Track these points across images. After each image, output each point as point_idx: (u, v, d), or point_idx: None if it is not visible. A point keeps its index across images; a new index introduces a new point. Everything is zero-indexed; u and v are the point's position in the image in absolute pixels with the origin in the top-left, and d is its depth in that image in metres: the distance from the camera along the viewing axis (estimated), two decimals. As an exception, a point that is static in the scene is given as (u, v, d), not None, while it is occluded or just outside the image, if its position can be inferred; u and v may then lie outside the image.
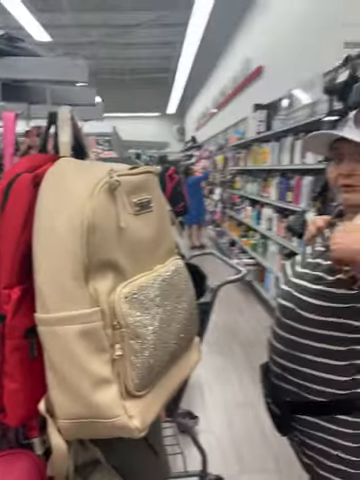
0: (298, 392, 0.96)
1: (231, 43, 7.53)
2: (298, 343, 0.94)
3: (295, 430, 1.00)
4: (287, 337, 0.97)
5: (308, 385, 0.94)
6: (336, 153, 0.95)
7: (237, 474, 2.03)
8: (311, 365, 0.93)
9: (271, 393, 1.06)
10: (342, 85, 2.40)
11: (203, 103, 11.36)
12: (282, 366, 1.00)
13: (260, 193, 4.63)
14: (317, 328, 0.91)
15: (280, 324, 1.00)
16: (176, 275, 0.77)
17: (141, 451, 0.87)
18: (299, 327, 0.94)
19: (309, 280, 0.93)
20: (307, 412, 0.95)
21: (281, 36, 4.72)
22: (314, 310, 0.90)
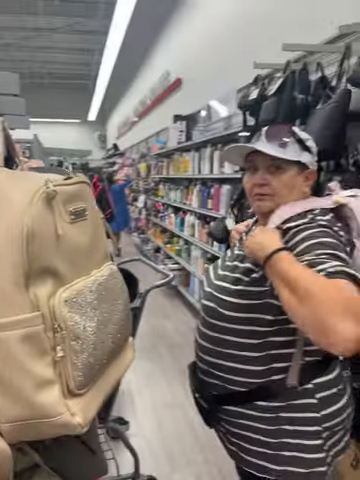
0: (222, 385, 1.03)
1: (150, 55, 7.71)
2: (220, 339, 1.01)
3: (221, 421, 1.07)
4: (210, 334, 1.04)
5: (231, 377, 1.01)
6: (251, 164, 1.04)
7: (169, 472, 2.10)
8: (232, 359, 1.00)
9: (199, 388, 1.11)
10: (253, 102, 2.62)
11: (124, 111, 11.42)
12: (207, 362, 1.07)
13: (183, 201, 4.80)
14: (236, 324, 0.98)
15: (204, 323, 1.07)
16: (111, 279, 0.82)
17: (78, 451, 0.90)
18: (220, 324, 1.01)
19: (229, 281, 1.02)
20: (231, 402, 1.02)
21: (198, 51, 4.97)
22: (233, 308, 0.98)
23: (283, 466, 0.96)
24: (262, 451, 0.98)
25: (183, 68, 5.69)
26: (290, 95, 2.22)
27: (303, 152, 1.02)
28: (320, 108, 1.92)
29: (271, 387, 0.96)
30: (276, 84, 2.30)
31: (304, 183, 1.03)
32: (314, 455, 0.95)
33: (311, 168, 1.03)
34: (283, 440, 0.96)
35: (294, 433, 0.95)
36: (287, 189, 1.00)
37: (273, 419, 0.96)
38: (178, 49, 5.90)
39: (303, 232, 0.89)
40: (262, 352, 0.97)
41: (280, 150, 0.99)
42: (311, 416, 0.95)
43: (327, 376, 0.98)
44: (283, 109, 2.25)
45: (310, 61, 2.40)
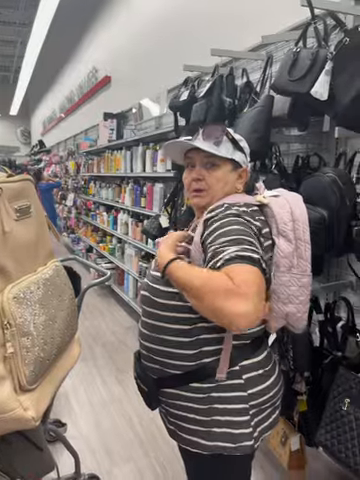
0: (160, 368, 1.09)
1: (77, 51, 7.53)
2: (156, 326, 1.07)
3: (161, 402, 1.13)
4: (148, 322, 1.10)
5: (167, 361, 1.07)
6: (189, 161, 1.11)
7: (110, 468, 2.11)
8: (167, 344, 1.06)
9: (140, 373, 1.16)
10: (183, 104, 2.71)
11: (50, 107, 11.01)
12: (146, 348, 1.12)
13: (115, 199, 4.78)
14: (167, 311, 1.05)
15: (143, 312, 1.14)
16: (57, 276, 0.83)
17: (25, 449, 0.90)
18: (155, 312, 1.07)
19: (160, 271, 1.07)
20: (169, 385, 1.08)
21: (128, 50, 4.97)
22: (163, 296, 1.05)
23: (214, 442, 1.03)
24: (195, 428, 1.05)
25: (112, 66, 5.65)
26: (218, 98, 2.33)
27: (236, 151, 1.11)
28: (246, 112, 2.05)
29: (202, 369, 1.03)
30: (205, 87, 2.41)
31: (237, 180, 1.12)
32: (241, 430, 1.03)
33: (243, 166, 1.12)
34: (214, 418, 1.03)
35: (224, 411, 1.03)
36: (221, 184, 1.08)
37: (205, 399, 1.03)
38: (106, 46, 5.84)
39: (215, 223, 0.96)
40: (192, 337, 1.03)
41: (215, 148, 1.07)
42: (238, 395, 1.03)
43: (254, 359, 1.06)
44: (212, 111, 2.35)
45: (236, 66, 2.54)
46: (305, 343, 1.80)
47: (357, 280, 1.83)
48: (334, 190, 1.49)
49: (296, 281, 1.01)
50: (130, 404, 2.68)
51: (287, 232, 1.02)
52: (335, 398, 1.58)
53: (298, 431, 1.89)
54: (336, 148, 1.87)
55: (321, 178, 1.55)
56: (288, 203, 1.05)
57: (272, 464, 2.10)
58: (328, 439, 1.56)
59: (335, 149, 1.87)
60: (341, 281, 1.97)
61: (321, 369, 1.80)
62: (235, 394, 1.03)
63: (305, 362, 1.79)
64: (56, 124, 10.26)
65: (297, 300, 1.02)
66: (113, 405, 2.69)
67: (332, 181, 1.49)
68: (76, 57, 7.68)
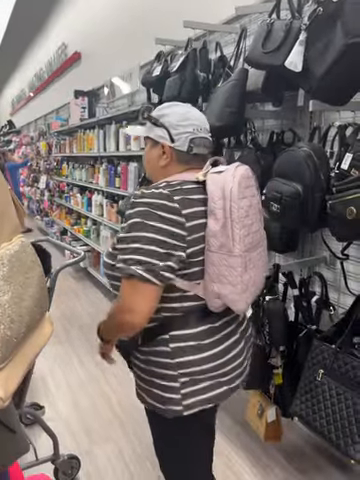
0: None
1: (45, 26, 7.21)
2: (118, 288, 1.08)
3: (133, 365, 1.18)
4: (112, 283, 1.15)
5: None
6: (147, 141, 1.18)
7: (89, 448, 2.11)
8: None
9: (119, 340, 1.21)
10: (156, 79, 2.64)
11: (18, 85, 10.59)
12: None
13: (89, 180, 4.67)
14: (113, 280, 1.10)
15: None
16: (23, 252, 0.79)
17: (-3, 432, 0.88)
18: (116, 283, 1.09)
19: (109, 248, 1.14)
20: (133, 348, 1.14)
21: (98, 25, 4.79)
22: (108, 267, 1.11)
23: (152, 400, 1.11)
24: (143, 387, 1.14)
25: (82, 41, 5.44)
26: (192, 73, 2.28)
27: (153, 128, 1.13)
28: (220, 86, 2.01)
29: (143, 335, 1.09)
30: (178, 61, 2.34)
31: (160, 158, 1.12)
32: (170, 395, 1.08)
33: (162, 141, 1.11)
34: (152, 379, 1.11)
35: (157, 374, 1.09)
36: (146, 161, 1.18)
37: (146, 361, 1.11)
38: (75, 21, 5.61)
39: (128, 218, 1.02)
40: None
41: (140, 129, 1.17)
42: (166, 361, 1.08)
43: (185, 330, 1.08)
44: (186, 87, 2.30)
45: (210, 40, 2.48)
46: (280, 318, 1.83)
47: (331, 255, 1.85)
48: (309, 164, 1.49)
49: (223, 261, 1.01)
50: (108, 384, 2.68)
51: (215, 210, 1.01)
52: (310, 369, 1.61)
53: (274, 403, 1.94)
54: (310, 123, 1.86)
55: (296, 153, 1.55)
56: (223, 180, 1.03)
57: (249, 436, 2.15)
58: (303, 409, 1.60)
59: (309, 124, 1.87)
60: (315, 257, 2.00)
61: (296, 343, 1.83)
62: (163, 360, 1.08)
63: (280, 337, 1.82)
64: (25, 103, 9.90)
65: (226, 280, 1.02)
66: (91, 385, 2.68)
67: (307, 155, 1.49)
68: (44, 32, 7.36)
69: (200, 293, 1.06)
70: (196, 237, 1.02)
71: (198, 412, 1.09)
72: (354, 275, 1.83)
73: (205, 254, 1.03)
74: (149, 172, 1.19)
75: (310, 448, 2.08)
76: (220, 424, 2.27)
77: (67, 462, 1.92)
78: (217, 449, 2.07)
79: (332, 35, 1.33)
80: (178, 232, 0.99)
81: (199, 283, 1.05)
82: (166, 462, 1.26)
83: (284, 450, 2.06)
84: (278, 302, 1.87)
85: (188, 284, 1.05)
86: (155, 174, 1.16)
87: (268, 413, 1.92)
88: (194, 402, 1.08)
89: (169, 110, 1.13)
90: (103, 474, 1.95)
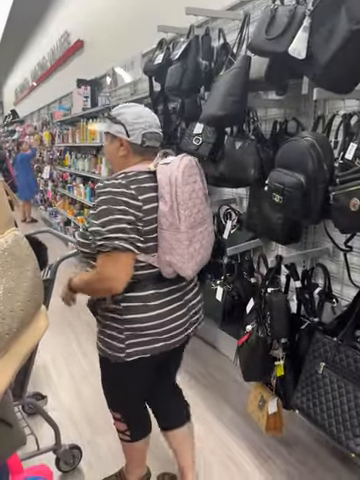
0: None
1: (48, 13, 7.12)
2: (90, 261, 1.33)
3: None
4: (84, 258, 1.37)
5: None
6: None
7: (92, 438, 2.13)
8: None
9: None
10: (158, 67, 2.59)
11: (22, 74, 10.52)
12: None
13: (91, 170, 4.65)
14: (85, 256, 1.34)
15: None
16: (16, 245, 0.78)
17: (-6, 426, 0.87)
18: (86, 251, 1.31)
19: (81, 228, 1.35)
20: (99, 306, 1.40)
21: (100, 12, 4.72)
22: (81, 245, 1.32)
23: (103, 347, 1.39)
24: (99, 336, 1.42)
25: (84, 30, 5.37)
26: (194, 61, 2.23)
27: (113, 125, 1.33)
28: (223, 74, 1.97)
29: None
30: (180, 49, 2.30)
31: (119, 149, 1.33)
32: (115, 343, 1.34)
33: (119, 136, 1.32)
34: (104, 330, 1.38)
35: (109, 326, 1.36)
36: (107, 153, 1.40)
37: (103, 316, 1.38)
38: (78, 8, 5.54)
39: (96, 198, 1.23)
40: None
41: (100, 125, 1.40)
42: (116, 317, 1.34)
43: (136, 293, 1.32)
44: (188, 75, 2.25)
45: (212, 27, 2.42)
46: (282, 310, 1.81)
47: (334, 247, 1.83)
48: (312, 155, 1.45)
49: (172, 236, 1.24)
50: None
51: (164, 195, 1.23)
52: (311, 362, 1.60)
53: (275, 395, 1.93)
54: (314, 112, 1.82)
55: (298, 142, 1.51)
56: (170, 170, 1.25)
57: (251, 427, 2.15)
58: (304, 402, 1.59)
59: (313, 113, 1.83)
60: (318, 248, 1.97)
61: (298, 335, 1.82)
62: (115, 316, 1.34)
63: (282, 329, 1.81)
64: (29, 93, 9.84)
65: (175, 252, 1.26)
66: (93, 376, 2.69)
67: (310, 145, 1.45)
68: (47, 20, 7.28)
69: (155, 263, 1.29)
70: (150, 218, 1.25)
71: (137, 359, 1.33)
72: (357, 267, 1.81)
73: (158, 232, 1.26)
74: (110, 162, 1.40)
75: (311, 440, 2.08)
76: (221, 415, 2.28)
77: (69, 452, 1.93)
78: (218, 440, 2.09)
79: (336, 21, 1.29)
80: (137, 214, 1.22)
81: (154, 255, 1.28)
82: (110, 397, 1.59)
83: (285, 442, 2.06)
84: (280, 294, 1.85)
85: (145, 256, 1.27)
86: (115, 164, 1.38)
87: (269, 405, 1.92)
88: (134, 351, 1.34)
89: (125, 109, 1.34)
90: (104, 463, 1.96)
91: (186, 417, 1.69)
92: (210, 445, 2.06)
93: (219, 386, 2.56)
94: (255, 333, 1.86)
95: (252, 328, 1.88)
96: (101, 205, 1.20)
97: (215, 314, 2.27)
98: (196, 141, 2.30)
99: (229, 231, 2.41)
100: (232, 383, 2.59)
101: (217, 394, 2.48)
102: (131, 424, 1.58)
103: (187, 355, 2.91)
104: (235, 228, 2.39)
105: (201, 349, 3.01)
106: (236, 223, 2.38)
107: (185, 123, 2.58)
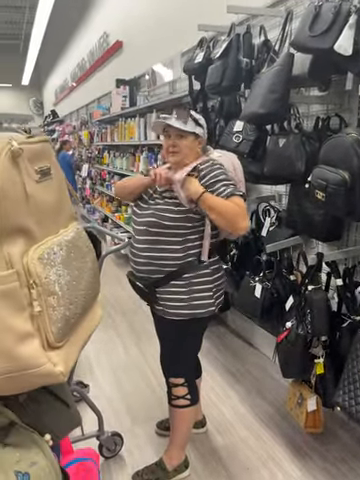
0: (157, 269, 1.60)
1: (87, 15, 7.29)
2: (158, 240, 1.57)
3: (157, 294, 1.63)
4: (150, 238, 1.58)
5: (165, 262, 1.58)
6: (166, 133, 1.60)
7: (130, 427, 2.20)
8: (165, 251, 1.57)
9: (141, 282, 1.65)
10: (198, 66, 2.62)
11: (62, 76, 10.82)
12: (147, 257, 1.60)
13: (129, 168, 4.74)
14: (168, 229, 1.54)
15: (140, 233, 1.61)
16: (79, 238, 0.84)
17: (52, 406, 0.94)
18: (159, 231, 1.56)
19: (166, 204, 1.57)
20: (165, 282, 1.60)
21: (139, 13, 4.79)
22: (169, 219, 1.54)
23: (192, 310, 1.61)
24: (180, 304, 1.60)
25: (123, 30, 5.47)
26: (235, 59, 2.25)
27: (197, 126, 1.60)
28: (264, 72, 1.97)
29: (188, 264, 1.59)
30: (221, 47, 2.32)
31: (198, 146, 1.63)
32: (209, 301, 1.62)
33: (201, 136, 1.63)
34: (192, 295, 1.60)
35: (198, 290, 1.61)
36: (188, 149, 1.60)
37: (187, 284, 1.60)
38: (117, 9, 5.64)
39: (209, 173, 1.53)
40: (182, 245, 1.57)
41: (183, 124, 1.56)
42: (207, 279, 1.62)
43: (213, 258, 1.66)
44: (228, 73, 2.28)
45: (253, 24, 2.43)
46: (323, 308, 1.81)
47: (377, 245, 1.80)
48: (356, 151, 1.44)
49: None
50: (149, 367, 2.76)
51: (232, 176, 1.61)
52: (353, 361, 1.59)
53: (315, 393, 1.93)
54: (359, 107, 1.80)
55: (343, 139, 1.51)
56: (229, 159, 1.72)
57: (289, 424, 2.16)
58: (346, 400, 1.59)
59: (358, 108, 1.80)
60: (360, 246, 1.95)
61: (339, 333, 1.81)
62: (205, 279, 1.61)
63: (322, 327, 1.81)
64: (68, 93, 10.11)
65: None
66: (133, 368, 2.77)
67: (355, 141, 1.44)
68: (86, 22, 7.46)
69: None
70: None
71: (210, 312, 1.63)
72: None
73: None
74: (186, 154, 1.60)
75: (350, 438, 2.06)
76: (260, 412, 2.30)
77: (111, 438, 2.01)
78: (258, 437, 2.11)
79: (385, 16, 1.28)
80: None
81: None
82: (177, 362, 1.75)
83: (324, 439, 2.05)
84: (321, 292, 1.85)
85: None
86: (189, 156, 1.61)
87: (308, 402, 1.92)
88: (218, 303, 1.66)
89: (199, 115, 1.65)
90: (144, 452, 2.03)
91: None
92: (250, 443, 2.08)
93: (256, 383, 2.58)
94: (295, 330, 1.86)
95: (292, 325, 1.89)
96: (219, 175, 1.52)
97: (253, 311, 2.28)
98: (236, 139, 2.32)
99: (268, 228, 2.42)
100: (269, 380, 2.59)
101: (254, 391, 2.50)
102: (190, 387, 1.77)
103: (224, 352, 2.96)
104: (274, 225, 2.39)
105: (238, 346, 3.03)
106: (275, 220, 2.38)
107: (224, 121, 2.60)
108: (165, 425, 2.13)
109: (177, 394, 1.77)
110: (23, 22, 10.92)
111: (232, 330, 3.28)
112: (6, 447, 0.83)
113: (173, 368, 1.78)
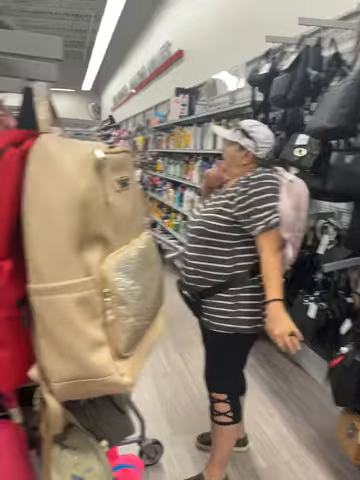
0: (205, 279, 1.57)
1: (150, 25, 7.47)
2: (206, 249, 1.55)
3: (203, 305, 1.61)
4: (199, 247, 1.57)
5: (211, 272, 1.56)
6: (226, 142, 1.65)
7: (170, 436, 2.18)
8: (213, 261, 1.55)
9: (188, 291, 1.65)
10: (263, 77, 2.59)
11: (121, 82, 11.15)
12: (195, 265, 1.59)
13: (182, 176, 4.77)
14: (216, 238, 1.53)
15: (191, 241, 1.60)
16: (149, 248, 0.84)
17: (110, 412, 0.94)
18: (206, 239, 1.54)
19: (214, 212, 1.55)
20: (212, 292, 1.57)
21: (203, 22, 4.84)
22: (215, 227, 1.52)
23: (237, 325, 1.56)
24: (225, 318, 1.56)
25: (185, 39, 5.54)
26: (303, 71, 2.20)
27: (244, 138, 1.58)
28: (335, 85, 1.91)
29: (237, 277, 1.54)
30: (289, 59, 2.28)
31: (243, 158, 1.59)
32: (255, 317, 1.56)
33: (248, 149, 1.58)
34: (239, 310, 1.55)
35: (246, 305, 1.55)
36: (229, 158, 1.62)
37: (234, 298, 1.55)
38: (180, 19, 5.74)
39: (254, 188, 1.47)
40: (231, 256, 1.54)
41: (230, 133, 1.61)
42: (256, 295, 1.55)
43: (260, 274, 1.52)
44: (295, 85, 2.23)
45: (323, 36, 2.37)
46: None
47: None
48: None
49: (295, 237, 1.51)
50: (191, 377, 2.74)
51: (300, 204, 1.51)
52: None
53: (369, 425, 1.81)
54: None
55: None
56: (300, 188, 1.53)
57: (334, 452, 2.05)
58: None
59: None
60: None
61: None
62: (254, 294, 1.55)
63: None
64: (126, 100, 10.38)
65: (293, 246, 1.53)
66: (174, 377, 2.76)
67: None
68: (149, 31, 7.64)
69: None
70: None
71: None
72: None
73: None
74: (229, 165, 1.63)
75: None
76: (304, 436, 2.20)
77: (151, 446, 2.00)
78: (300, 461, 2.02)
79: None
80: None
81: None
82: (221, 377, 1.71)
83: (373, 474, 1.93)
84: (382, 318, 1.74)
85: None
86: (234, 166, 1.62)
87: (361, 434, 1.81)
88: (266, 320, 1.49)
89: (257, 128, 1.59)
90: (184, 463, 2.00)
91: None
92: (293, 467, 2.00)
93: (301, 405, 2.48)
94: (351, 356, 1.77)
95: (348, 351, 1.79)
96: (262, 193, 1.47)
97: (306, 331, 2.19)
98: (298, 152, 2.26)
99: (325, 246, 2.33)
100: (315, 403, 2.49)
101: (299, 413, 2.40)
102: (232, 403, 1.72)
103: (269, 370, 2.87)
104: (332, 244, 2.30)
105: (283, 365, 2.93)
106: (335, 239, 2.28)
107: (286, 133, 2.55)
108: (206, 439, 2.09)
109: (219, 410, 1.72)
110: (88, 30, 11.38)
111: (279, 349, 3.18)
112: (64, 449, 0.84)
113: (216, 382, 1.74)
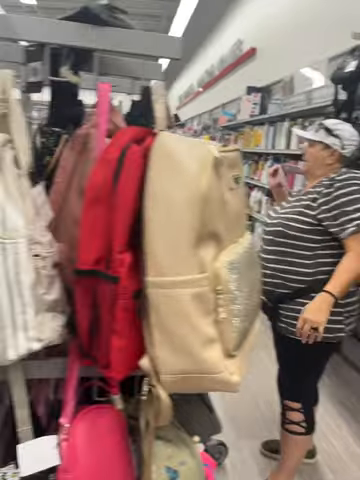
0: (284, 283, 1.51)
1: (221, 24, 7.43)
2: (286, 252, 1.50)
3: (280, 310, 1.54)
4: (278, 249, 1.52)
5: (291, 277, 1.49)
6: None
7: (235, 440, 2.16)
8: (294, 264, 1.49)
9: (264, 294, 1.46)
10: (349, 75, 2.47)
11: (187, 81, 11.22)
12: (273, 268, 1.53)
13: (251, 176, 4.71)
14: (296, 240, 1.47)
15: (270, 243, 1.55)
16: (252, 247, 0.83)
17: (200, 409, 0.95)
18: (286, 241, 1.49)
19: (293, 213, 1.50)
20: (289, 298, 1.51)
21: (277, 18, 4.72)
22: (296, 229, 1.47)
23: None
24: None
25: (258, 37, 5.45)
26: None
27: (328, 136, 1.52)
28: None
29: (317, 283, 1.44)
30: (381, 56, 2.15)
31: (328, 157, 1.53)
32: (338, 326, 1.48)
33: (333, 147, 1.52)
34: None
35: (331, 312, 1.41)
36: (312, 158, 1.57)
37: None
38: (253, 16, 5.64)
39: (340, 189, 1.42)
40: (312, 260, 1.47)
41: (312, 134, 1.58)
42: (338, 302, 1.41)
43: None
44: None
45: None
46: None
47: None
48: None
49: None
50: (256, 382, 2.69)
51: None
52: None
53: None
54: None
55: None
56: None
57: None
58: None
59: None
60: None
61: None
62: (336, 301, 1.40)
63: None
64: (193, 98, 10.44)
65: None
66: (239, 380, 2.72)
67: None
68: (220, 30, 7.61)
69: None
70: None
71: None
72: None
73: None
74: (313, 165, 1.58)
75: None
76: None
77: (216, 447, 1.99)
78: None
79: None
80: None
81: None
82: (297, 386, 1.66)
83: None
84: None
85: None
86: (317, 167, 1.57)
87: None
88: (348, 329, 1.52)
89: (342, 126, 1.55)
90: (248, 468, 1.97)
91: None
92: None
93: (374, 422, 2.35)
94: None
95: None
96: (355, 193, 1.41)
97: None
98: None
99: None
100: (390, 423, 2.34)
101: (371, 430, 2.28)
102: (306, 414, 1.66)
103: (337, 382, 2.75)
104: None
105: (353, 379, 2.79)
106: None
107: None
108: (271, 446, 2.05)
109: (291, 419, 1.67)
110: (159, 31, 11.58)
111: (350, 362, 3.03)
112: (159, 440, 0.86)
113: (291, 391, 1.68)
